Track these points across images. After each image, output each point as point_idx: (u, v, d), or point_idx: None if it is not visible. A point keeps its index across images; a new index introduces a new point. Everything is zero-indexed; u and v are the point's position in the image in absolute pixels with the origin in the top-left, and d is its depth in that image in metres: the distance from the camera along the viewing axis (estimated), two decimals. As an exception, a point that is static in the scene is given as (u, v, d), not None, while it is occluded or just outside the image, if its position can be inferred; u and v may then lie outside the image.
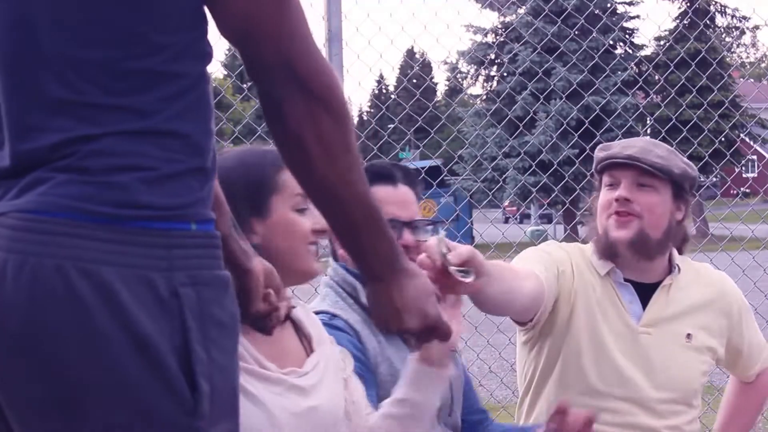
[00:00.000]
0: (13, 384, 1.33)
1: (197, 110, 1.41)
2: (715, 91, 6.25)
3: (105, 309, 1.29)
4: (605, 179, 2.64)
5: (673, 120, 6.14)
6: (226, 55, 5.38)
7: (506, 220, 20.86)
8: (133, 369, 1.30)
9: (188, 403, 1.33)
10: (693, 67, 6.18)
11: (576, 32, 12.09)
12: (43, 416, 1.33)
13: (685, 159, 2.65)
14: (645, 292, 2.64)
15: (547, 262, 2.57)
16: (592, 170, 2.68)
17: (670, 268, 2.66)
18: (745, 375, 2.84)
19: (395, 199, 2.24)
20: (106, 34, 1.35)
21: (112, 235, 1.32)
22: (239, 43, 1.44)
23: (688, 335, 2.64)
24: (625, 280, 2.62)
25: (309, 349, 1.97)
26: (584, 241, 2.78)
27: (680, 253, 2.72)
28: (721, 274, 2.83)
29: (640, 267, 2.62)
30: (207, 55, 1.44)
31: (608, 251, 2.59)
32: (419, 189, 2.35)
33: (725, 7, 28.97)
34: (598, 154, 2.65)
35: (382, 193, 2.23)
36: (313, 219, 1.89)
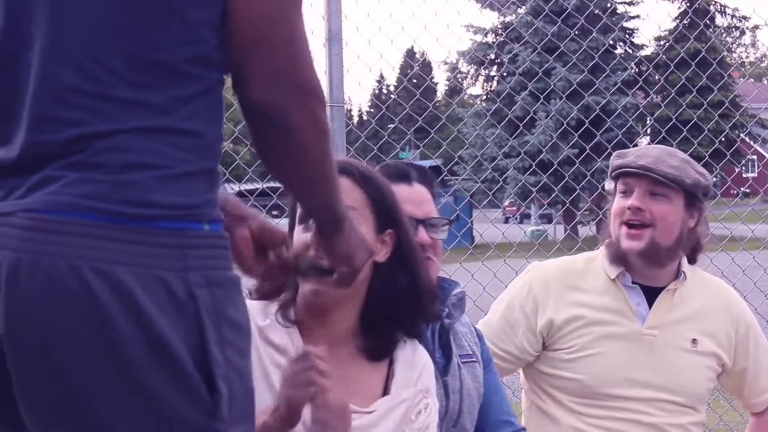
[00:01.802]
0: (30, 384, 1.31)
1: (212, 113, 1.40)
2: (715, 91, 6.25)
3: (122, 309, 1.28)
4: (619, 186, 2.68)
5: (673, 120, 6.14)
6: (226, 55, 5.37)
7: (506, 220, 20.86)
8: (151, 370, 1.29)
9: (207, 405, 1.32)
10: (693, 67, 6.17)
11: (576, 32, 12.09)
12: (59, 417, 1.32)
13: (700, 168, 2.68)
14: (653, 296, 2.66)
15: (511, 329, 2.66)
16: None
17: (677, 274, 2.68)
18: (753, 402, 2.82)
19: (411, 198, 2.24)
20: (131, 23, 1.35)
21: (126, 235, 1.31)
22: (247, 52, 1.42)
23: (694, 340, 2.66)
24: (634, 282, 2.65)
25: (388, 389, 1.91)
26: (590, 241, 2.81)
27: (692, 261, 2.74)
28: (731, 289, 2.85)
29: (650, 272, 2.65)
30: (224, 63, 1.43)
31: (619, 259, 2.63)
32: (435, 188, 2.35)
33: (725, 7, 28.98)
34: (614, 161, 2.68)
35: (397, 191, 2.23)
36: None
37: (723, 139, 9.37)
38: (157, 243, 1.32)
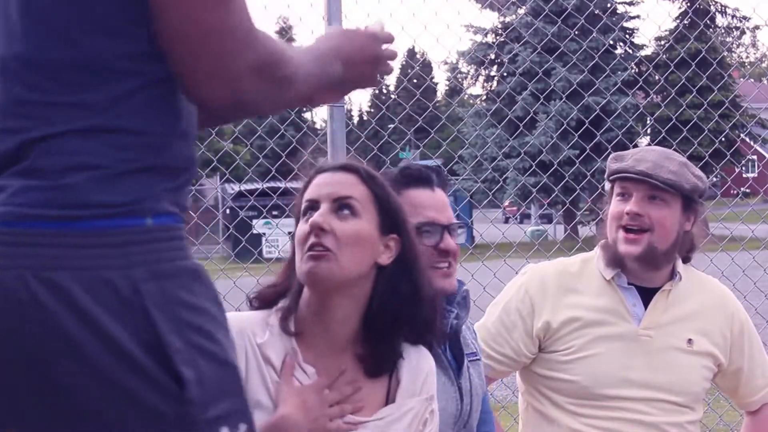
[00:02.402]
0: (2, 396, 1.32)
1: (156, 108, 1.38)
2: (715, 91, 6.25)
3: (70, 315, 1.28)
4: (616, 189, 2.68)
5: (673, 120, 6.14)
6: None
7: (506, 220, 20.85)
8: (111, 370, 1.30)
9: (174, 393, 1.32)
10: (693, 67, 6.18)
11: (576, 32, 12.09)
12: (32, 425, 1.32)
13: (697, 171, 2.68)
14: (648, 296, 2.67)
15: (508, 331, 2.66)
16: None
17: (672, 274, 2.68)
18: (748, 401, 2.82)
19: (433, 203, 2.22)
20: (60, 32, 1.35)
21: (69, 239, 1.31)
22: (177, 53, 1.38)
23: (689, 340, 2.67)
24: (629, 283, 2.65)
25: (392, 398, 1.90)
26: (590, 241, 2.82)
27: (686, 261, 2.74)
28: (725, 289, 2.85)
29: (646, 274, 2.66)
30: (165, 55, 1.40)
31: (616, 262, 2.64)
32: (447, 191, 2.33)
33: (725, 7, 28.99)
34: (611, 165, 2.68)
35: (420, 197, 2.22)
36: (316, 216, 1.83)
37: (723, 139, 9.38)
38: (99, 243, 1.32)
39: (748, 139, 19.92)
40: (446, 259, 2.19)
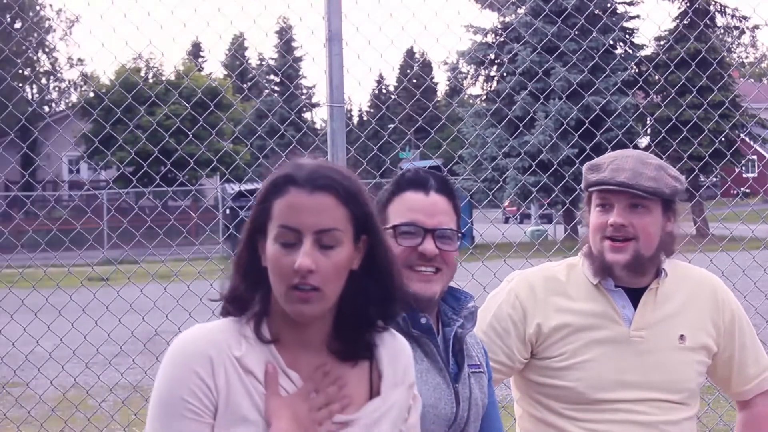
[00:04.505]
0: None
1: None
2: (715, 91, 6.25)
3: None
4: (596, 199, 2.65)
5: (673, 120, 6.14)
6: (226, 55, 5.39)
7: (506, 220, 20.84)
8: None
9: None
10: (693, 67, 6.18)
11: (576, 32, 12.08)
12: None
13: (673, 171, 2.65)
14: (637, 297, 2.67)
15: (500, 338, 2.66)
16: (582, 186, 2.70)
17: (657, 272, 2.68)
18: (741, 390, 2.81)
19: (423, 207, 2.21)
20: None
21: None
22: None
23: (681, 336, 2.66)
24: (616, 286, 2.65)
25: (377, 391, 1.89)
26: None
27: (668, 254, 2.73)
28: (714, 277, 2.83)
29: (632, 278, 2.65)
30: None
31: (604, 270, 2.63)
32: (458, 200, 2.30)
33: (725, 7, 28.99)
34: (588, 176, 2.65)
35: (412, 199, 2.21)
36: (301, 256, 1.76)
37: (723, 139, 9.36)
38: None
39: (748, 139, 19.93)
40: (428, 264, 2.18)
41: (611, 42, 25.42)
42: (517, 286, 2.70)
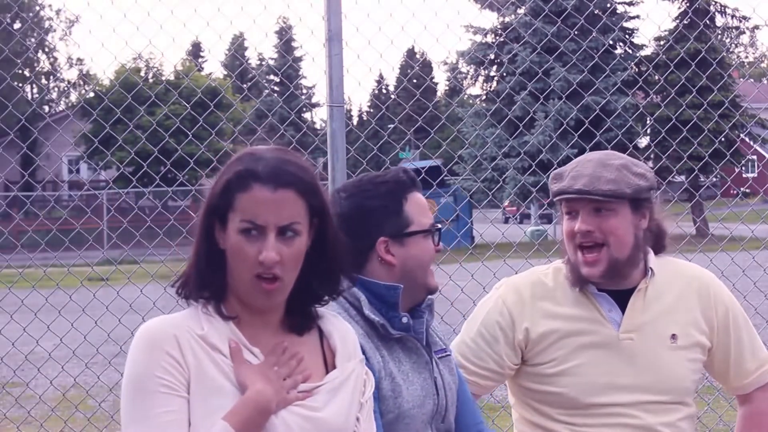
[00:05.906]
0: None
1: None
2: (715, 91, 6.26)
3: None
4: (563, 208, 2.67)
5: (673, 120, 6.14)
6: (226, 55, 5.40)
7: (506, 220, 20.85)
8: None
9: None
10: (693, 67, 6.18)
11: (575, 32, 12.08)
12: None
13: (639, 169, 2.63)
14: (623, 299, 2.64)
15: (489, 345, 2.67)
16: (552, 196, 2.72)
17: (645, 271, 2.67)
18: (740, 384, 2.80)
19: (425, 206, 2.29)
20: None
21: None
22: None
23: (673, 336, 2.64)
24: (600, 290, 2.64)
25: (331, 364, 1.98)
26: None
27: (660, 251, 2.72)
28: (706, 272, 2.81)
29: (614, 283, 2.65)
30: None
31: (581, 282, 2.63)
32: (430, 194, 2.36)
33: (725, 7, 29.00)
34: (551, 185, 2.67)
35: (422, 201, 2.28)
36: (267, 249, 1.85)
37: (723, 139, 9.36)
38: None
39: (747, 139, 19.94)
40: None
41: (611, 42, 25.42)
42: (504, 292, 2.71)
